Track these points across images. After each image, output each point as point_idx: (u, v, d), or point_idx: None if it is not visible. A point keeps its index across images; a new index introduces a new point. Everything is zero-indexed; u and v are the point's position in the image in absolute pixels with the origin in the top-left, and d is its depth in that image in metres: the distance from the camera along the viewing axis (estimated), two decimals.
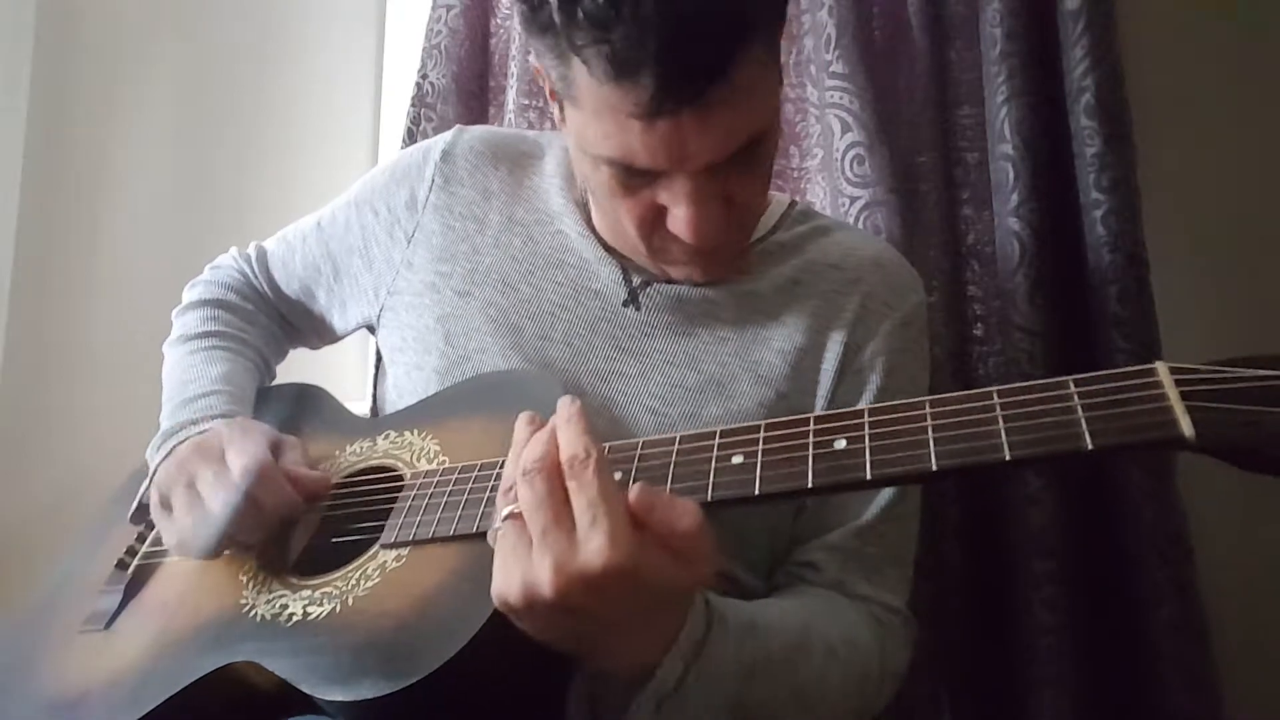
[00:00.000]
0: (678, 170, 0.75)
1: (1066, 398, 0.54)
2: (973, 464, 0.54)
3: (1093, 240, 1.12)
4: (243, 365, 0.97)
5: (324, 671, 0.64)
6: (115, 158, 1.37)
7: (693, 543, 0.56)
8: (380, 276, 0.96)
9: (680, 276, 0.87)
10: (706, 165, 0.75)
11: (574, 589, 0.54)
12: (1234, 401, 0.50)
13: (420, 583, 0.67)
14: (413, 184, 0.96)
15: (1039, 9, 1.19)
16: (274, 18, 1.59)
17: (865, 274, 0.90)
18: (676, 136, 0.72)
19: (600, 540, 0.54)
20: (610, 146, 0.75)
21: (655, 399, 0.84)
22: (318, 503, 0.81)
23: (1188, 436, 0.50)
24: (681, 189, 0.76)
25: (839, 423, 0.59)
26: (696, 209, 0.77)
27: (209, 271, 1.07)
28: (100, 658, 0.78)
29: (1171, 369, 0.53)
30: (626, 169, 0.76)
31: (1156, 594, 1.07)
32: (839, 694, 0.74)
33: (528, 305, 0.88)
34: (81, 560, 0.90)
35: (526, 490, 0.57)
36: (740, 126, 0.74)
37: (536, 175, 0.96)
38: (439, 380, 0.86)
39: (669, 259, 0.85)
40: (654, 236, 0.82)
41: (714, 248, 0.81)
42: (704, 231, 0.78)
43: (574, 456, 0.57)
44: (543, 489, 0.56)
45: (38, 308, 1.27)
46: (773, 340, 0.86)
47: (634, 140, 0.73)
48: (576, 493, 0.56)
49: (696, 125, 0.72)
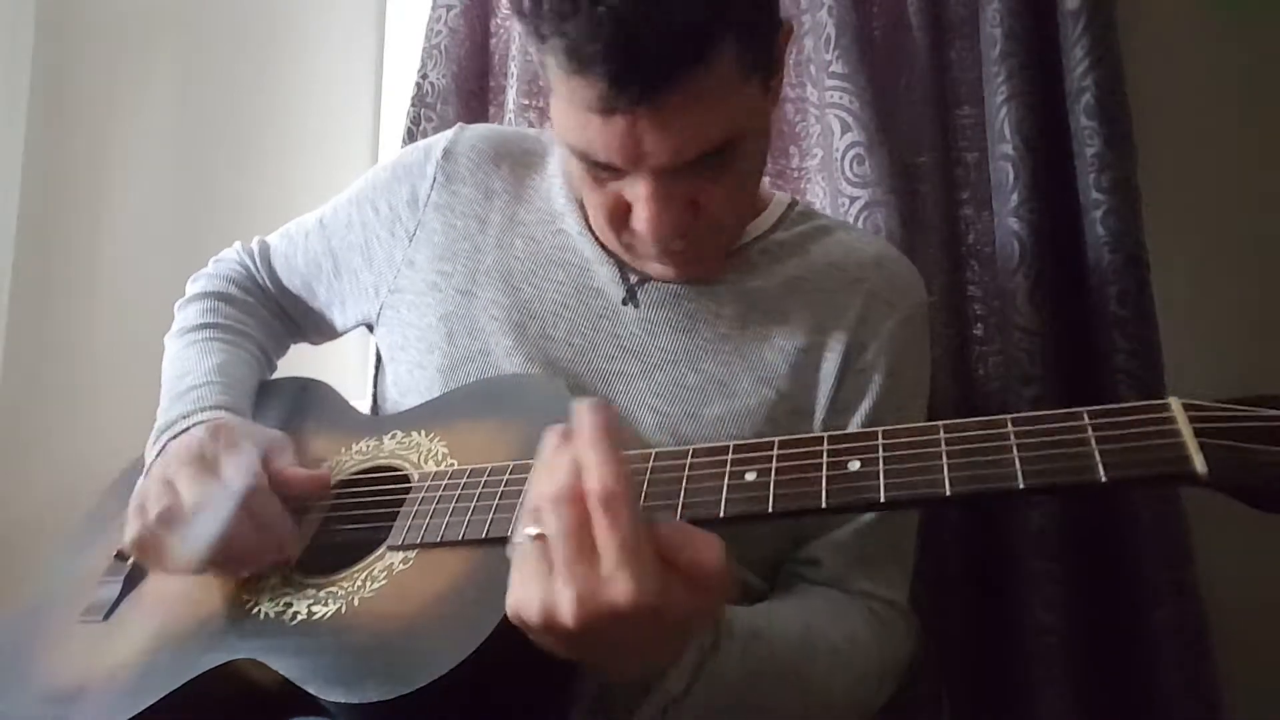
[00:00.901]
0: (634, 169, 0.76)
1: (1080, 429, 0.54)
2: (986, 491, 0.55)
3: (1093, 240, 1.12)
4: (240, 356, 0.96)
5: (328, 672, 0.64)
6: (115, 158, 1.37)
7: (717, 577, 0.55)
8: (381, 274, 0.95)
9: (657, 274, 0.87)
10: (665, 167, 0.75)
11: (596, 622, 0.53)
12: (1247, 440, 0.51)
13: (428, 587, 0.67)
14: (414, 182, 0.95)
15: (1039, 9, 1.18)
16: (274, 18, 1.59)
17: (867, 273, 0.90)
18: (631, 135, 0.72)
19: (626, 581, 0.52)
20: (575, 137, 0.76)
21: (657, 397, 0.84)
22: (315, 502, 0.81)
23: (1200, 473, 0.50)
24: (642, 188, 0.76)
25: (853, 444, 0.60)
26: (654, 209, 0.77)
27: (212, 265, 1.07)
28: (99, 649, 0.77)
29: (1185, 405, 0.53)
30: (589, 162, 0.77)
31: (1156, 595, 1.07)
32: (842, 692, 0.74)
33: (530, 305, 0.88)
34: (80, 551, 0.90)
35: (553, 519, 0.55)
36: (701, 133, 0.74)
37: (539, 174, 0.95)
38: (442, 379, 0.86)
39: (641, 255, 0.85)
40: (623, 232, 0.83)
41: (681, 248, 0.81)
42: (662, 233, 0.78)
43: (606, 492, 0.54)
44: (570, 519, 0.54)
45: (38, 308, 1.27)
46: (774, 339, 0.86)
47: (593, 134, 0.74)
48: (604, 530, 0.54)
49: (652, 126, 0.72)
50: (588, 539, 0.54)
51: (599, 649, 0.56)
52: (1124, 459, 0.52)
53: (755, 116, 0.79)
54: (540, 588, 0.55)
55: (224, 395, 0.88)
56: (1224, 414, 0.52)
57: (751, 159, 0.83)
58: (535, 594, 0.55)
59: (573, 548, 0.54)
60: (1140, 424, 0.53)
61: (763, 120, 0.83)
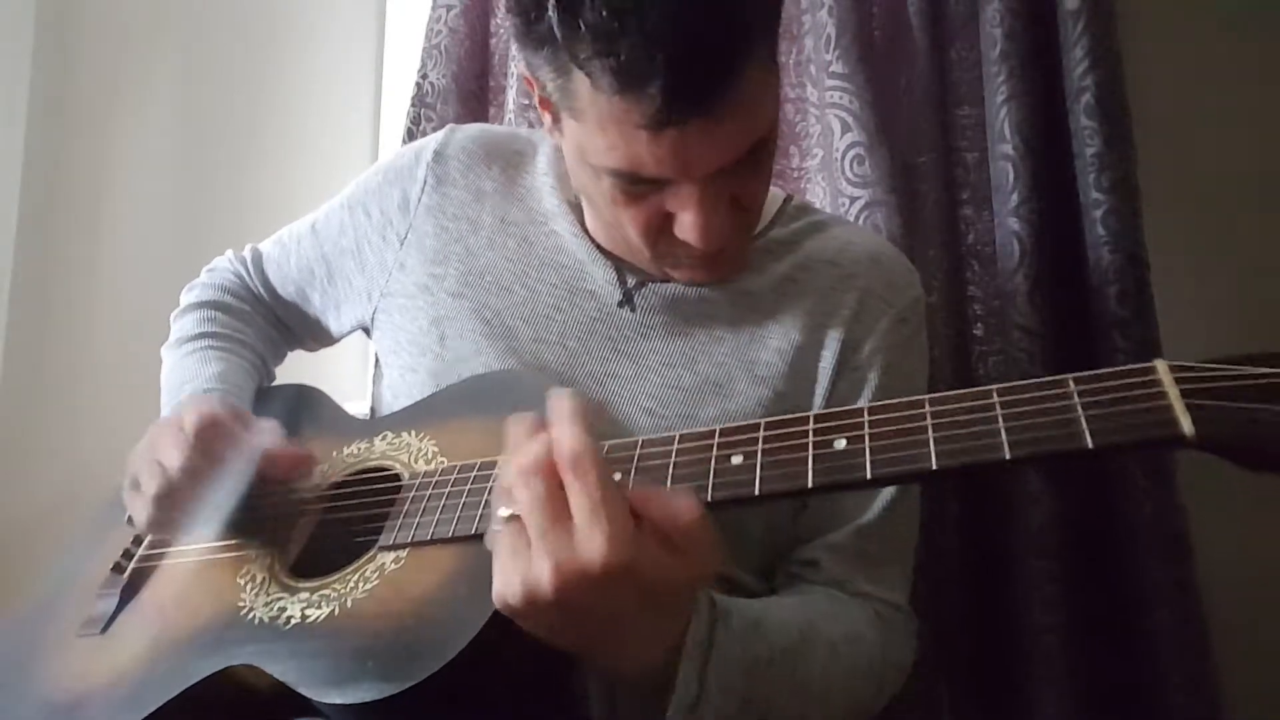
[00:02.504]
0: (685, 178, 0.75)
1: (1066, 396, 0.54)
2: (973, 463, 0.54)
3: (1093, 240, 1.12)
4: (239, 364, 0.96)
5: (323, 674, 0.64)
6: (115, 158, 1.37)
7: (694, 537, 0.56)
8: (373, 278, 0.95)
9: (684, 278, 0.87)
10: (714, 172, 0.75)
11: (575, 588, 0.54)
12: (1233, 399, 0.50)
13: (419, 585, 0.67)
14: (405, 185, 0.95)
15: (1039, 9, 1.18)
16: (274, 18, 1.59)
17: (862, 270, 0.90)
18: (684, 145, 0.72)
19: (599, 539, 0.54)
20: (616, 158, 0.75)
21: (652, 400, 0.84)
22: (300, 473, 0.82)
23: (1188, 434, 0.50)
24: (690, 196, 0.76)
25: (838, 422, 0.59)
26: (705, 215, 0.76)
27: (205, 274, 1.07)
28: (97, 661, 0.77)
29: (1171, 367, 0.53)
30: (632, 178, 0.76)
31: (1156, 593, 1.07)
32: (841, 690, 0.74)
33: (522, 307, 0.88)
34: (78, 563, 0.90)
35: (524, 491, 0.56)
36: (746, 132, 0.74)
37: (529, 175, 0.95)
38: (434, 382, 0.86)
39: (674, 263, 0.85)
40: (660, 242, 0.82)
41: (720, 249, 0.81)
42: (713, 237, 0.78)
43: (572, 454, 0.56)
44: (540, 489, 0.56)
45: (38, 308, 1.27)
46: (770, 339, 0.86)
47: (641, 150, 0.73)
48: (575, 491, 0.55)
49: (704, 134, 0.72)
50: (560, 504, 0.55)
51: (585, 626, 0.57)
52: (1110, 424, 0.52)
53: (777, 109, 0.80)
54: (520, 567, 0.56)
55: (224, 400, 0.88)
56: (1210, 373, 0.52)
57: (774, 152, 0.83)
58: (515, 574, 0.56)
59: (547, 515, 0.55)
60: (1126, 388, 0.53)
61: (779, 112, 0.84)
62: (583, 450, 0.56)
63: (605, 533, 0.54)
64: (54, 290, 1.30)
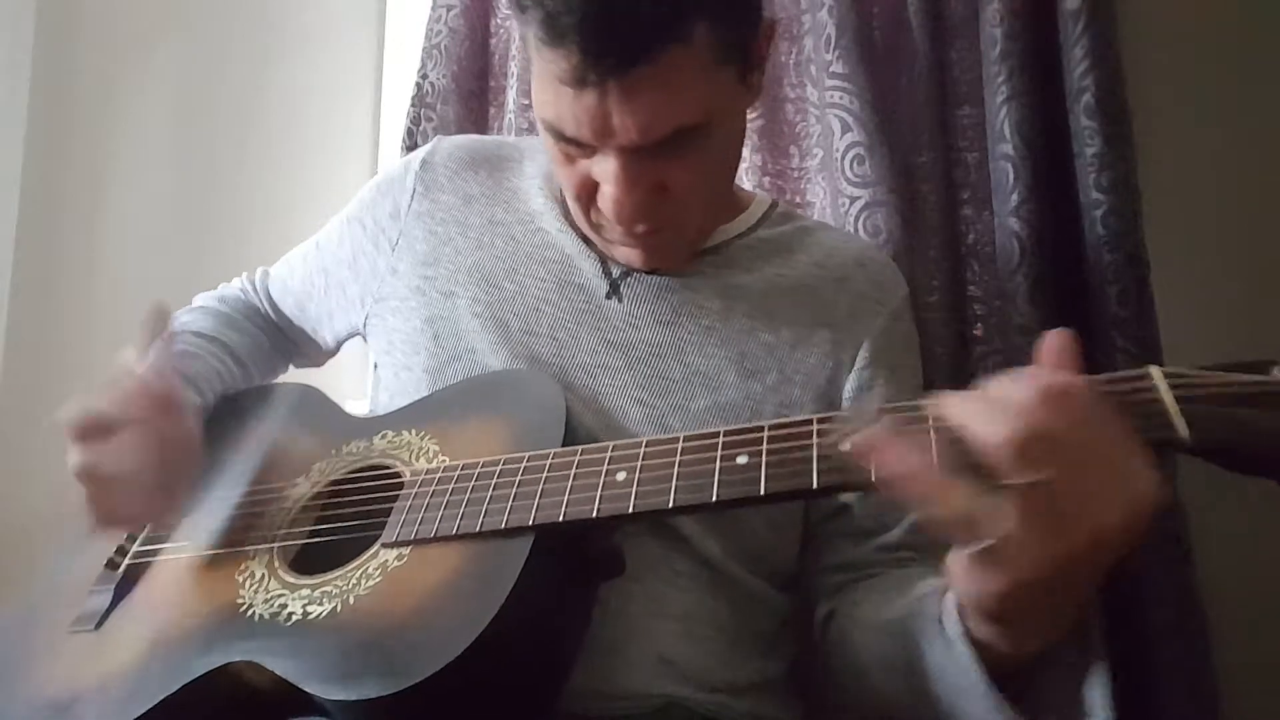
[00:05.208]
0: (603, 145, 0.77)
1: None
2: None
3: (1093, 240, 1.12)
4: (203, 361, 0.97)
5: (326, 671, 0.64)
6: (115, 158, 1.37)
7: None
8: (366, 285, 0.97)
9: (624, 259, 0.88)
10: (633, 146, 0.76)
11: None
12: (1227, 405, 0.51)
13: (424, 582, 0.67)
14: (395, 195, 0.98)
15: (1039, 9, 1.19)
16: (274, 18, 1.59)
17: (850, 272, 0.92)
18: (601, 110, 0.74)
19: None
20: (548, 112, 0.78)
21: (643, 390, 0.84)
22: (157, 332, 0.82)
23: (1184, 437, 0.50)
24: (609, 167, 0.78)
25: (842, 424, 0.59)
26: (620, 190, 0.78)
27: (217, 289, 1.10)
28: (91, 659, 0.77)
29: (1165, 373, 0.53)
30: (558, 135, 0.78)
31: (1156, 595, 1.07)
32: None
33: (512, 302, 0.89)
34: (71, 561, 0.89)
35: (1046, 452, 0.49)
36: (669, 113, 0.75)
37: (516, 177, 0.97)
38: (429, 379, 0.87)
39: (610, 238, 0.86)
40: (591, 211, 0.84)
41: (644, 231, 0.82)
42: (626, 213, 0.79)
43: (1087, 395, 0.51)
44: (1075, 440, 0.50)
45: (38, 309, 1.27)
46: (759, 334, 0.87)
47: (564, 107, 0.75)
48: (1097, 425, 0.50)
49: (621, 102, 0.73)
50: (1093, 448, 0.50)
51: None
52: None
53: (727, 106, 0.80)
54: (1069, 523, 0.50)
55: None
56: (1203, 380, 0.53)
57: (722, 149, 0.84)
58: (1083, 526, 0.50)
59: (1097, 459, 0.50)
60: (1122, 393, 0.53)
61: (736, 112, 0.85)
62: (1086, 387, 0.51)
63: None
64: (54, 290, 1.30)
